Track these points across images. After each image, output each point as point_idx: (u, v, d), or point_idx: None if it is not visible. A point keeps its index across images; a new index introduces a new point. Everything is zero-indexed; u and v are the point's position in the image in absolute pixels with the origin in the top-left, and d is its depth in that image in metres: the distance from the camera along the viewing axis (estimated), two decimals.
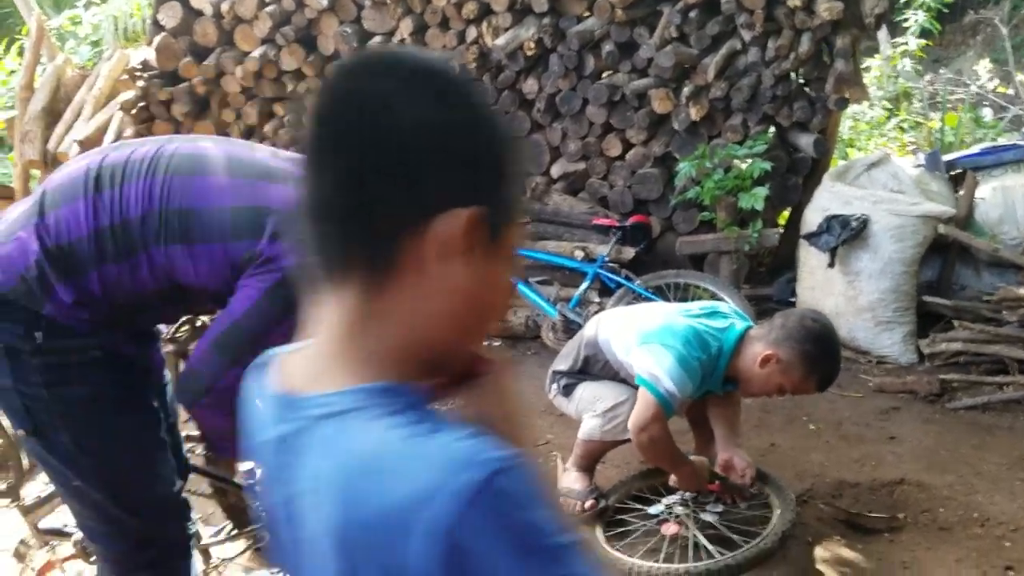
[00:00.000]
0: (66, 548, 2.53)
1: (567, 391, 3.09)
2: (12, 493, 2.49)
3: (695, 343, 2.67)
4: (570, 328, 4.52)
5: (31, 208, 1.72)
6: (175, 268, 1.70)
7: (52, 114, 6.45)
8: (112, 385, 1.76)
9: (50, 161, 6.09)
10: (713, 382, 2.75)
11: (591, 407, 2.94)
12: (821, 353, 2.64)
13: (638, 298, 4.31)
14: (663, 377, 2.61)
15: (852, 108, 8.30)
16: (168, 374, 2.12)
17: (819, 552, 2.75)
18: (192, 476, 2.23)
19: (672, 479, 2.87)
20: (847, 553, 2.74)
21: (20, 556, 2.61)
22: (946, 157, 5.17)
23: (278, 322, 1.68)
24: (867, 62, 9.04)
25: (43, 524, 2.54)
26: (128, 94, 5.74)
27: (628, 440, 3.02)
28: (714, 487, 2.87)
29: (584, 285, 4.61)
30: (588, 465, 3.04)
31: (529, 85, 5.18)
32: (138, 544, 1.87)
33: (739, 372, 2.74)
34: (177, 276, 1.71)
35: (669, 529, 2.76)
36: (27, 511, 2.49)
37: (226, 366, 1.71)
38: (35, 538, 2.54)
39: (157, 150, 1.76)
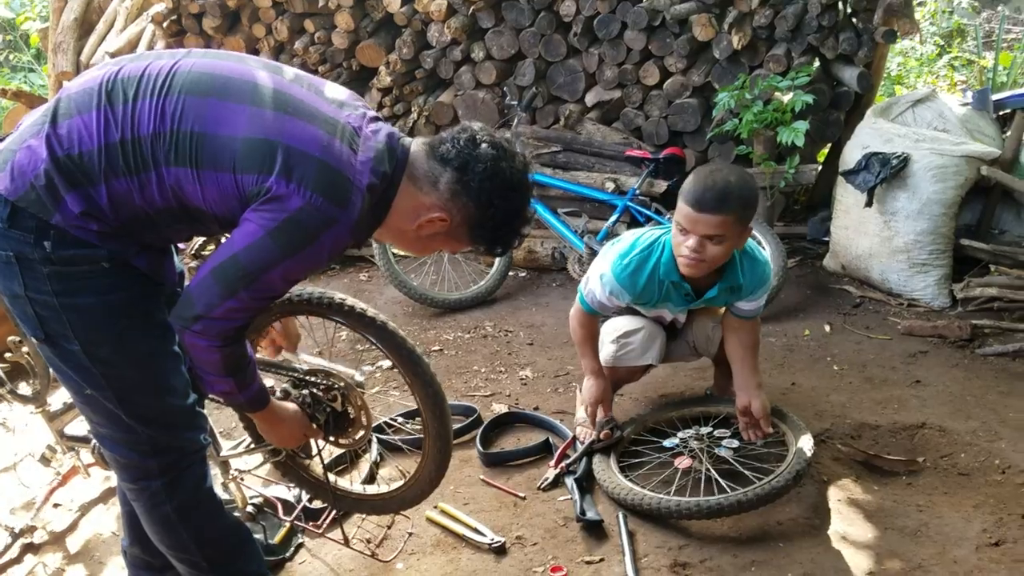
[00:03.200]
0: (89, 455, 2.60)
1: None
2: (38, 399, 2.54)
3: (642, 243, 2.77)
4: None
5: (44, 116, 1.70)
6: (183, 190, 1.68)
7: (85, 25, 6.42)
8: (121, 297, 1.76)
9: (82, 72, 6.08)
10: (671, 273, 2.72)
11: (608, 335, 2.99)
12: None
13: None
14: (592, 275, 2.81)
15: (902, 44, 8.00)
16: None
17: (833, 492, 2.74)
18: None
19: None
20: (861, 494, 2.73)
21: (46, 461, 2.69)
22: (995, 96, 4.96)
23: (278, 262, 1.67)
24: None
25: (68, 430, 2.60)
26: (159, 6, 5.67)
27: (643, 369, 3.05)
28: (605, 435, 2.88)
29: (613, 218, 4.55)
30: None
31: (567, 6, 5.01)
32: (150, 453, 1.90)
33: None
34: (185, 198, 1.69)
35: (683, 463, 2.77)
36: (52, 417, 2.55)
37: (221, 297, 1.69)
38: (60, 444, 2.60)
39: (173, 65, 1.72)
